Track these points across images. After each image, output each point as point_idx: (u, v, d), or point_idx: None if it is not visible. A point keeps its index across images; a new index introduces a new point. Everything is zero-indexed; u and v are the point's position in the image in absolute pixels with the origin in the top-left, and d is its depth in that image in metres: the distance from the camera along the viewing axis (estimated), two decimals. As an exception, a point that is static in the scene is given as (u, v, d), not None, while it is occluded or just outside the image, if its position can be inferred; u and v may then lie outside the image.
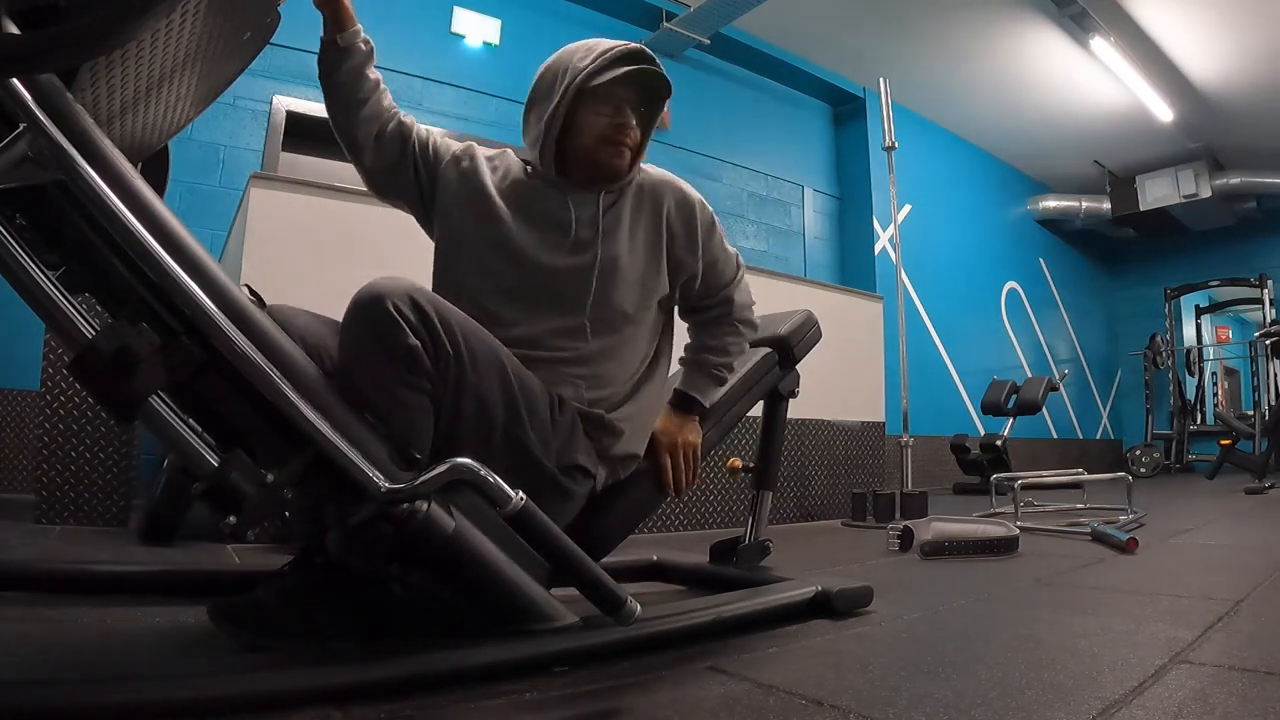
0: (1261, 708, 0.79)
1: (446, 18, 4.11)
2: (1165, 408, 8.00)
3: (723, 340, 1.29)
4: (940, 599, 1.47)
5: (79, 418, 2.07)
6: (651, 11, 4.70)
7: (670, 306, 1.27)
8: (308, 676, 0.79)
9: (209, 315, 0.78)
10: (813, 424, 3.20)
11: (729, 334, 1.29)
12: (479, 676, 0.85)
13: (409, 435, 0.91)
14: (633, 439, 1.17)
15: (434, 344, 0.93)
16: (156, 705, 0.71)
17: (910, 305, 5.65)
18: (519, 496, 0.88)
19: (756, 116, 5.40)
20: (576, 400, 1.10)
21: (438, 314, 0.94)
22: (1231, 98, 5.81)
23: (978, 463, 4.99)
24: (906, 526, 2.19)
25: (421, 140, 1.21)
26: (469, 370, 0.96)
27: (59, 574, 1.24)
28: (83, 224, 0.75)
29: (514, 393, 1.01)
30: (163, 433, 0.78)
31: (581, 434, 1.10)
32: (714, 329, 1.29)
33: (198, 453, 0.79)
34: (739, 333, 1.31)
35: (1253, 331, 7.28)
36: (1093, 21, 4.86)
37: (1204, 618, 1.22)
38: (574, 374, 1.11)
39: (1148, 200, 7.13)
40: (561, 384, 1.09)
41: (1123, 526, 2.42)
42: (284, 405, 0.81)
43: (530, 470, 1.01)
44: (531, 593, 0.95)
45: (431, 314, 0.93)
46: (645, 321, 1.20)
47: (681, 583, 1.56)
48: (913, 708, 0.80)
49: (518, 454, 1.01)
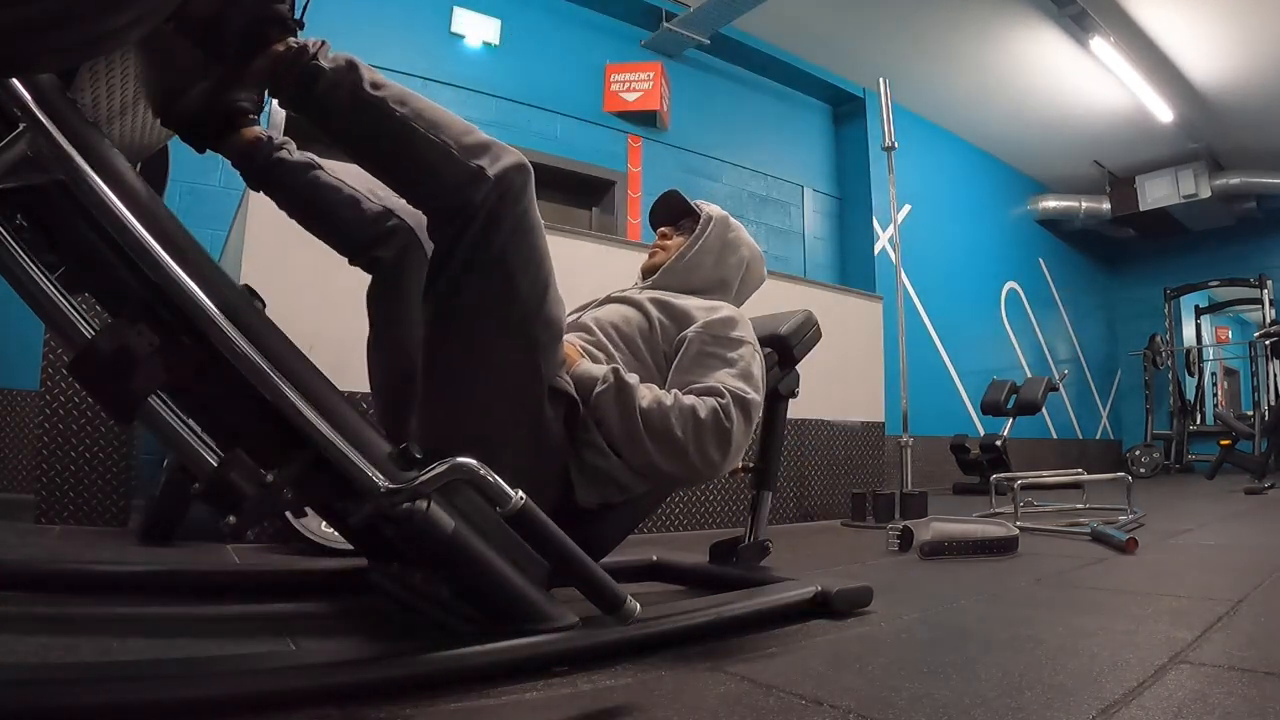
0: (1261, 708, 0.79)
1: (446, 18, 4.11)
2: (1165, 408, 8.01)
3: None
4: (940, 599, 1.47)
5: (79, 418, 2.07)
6: (651, 11, 4.70)
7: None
8: (308, 676, 0.79)
9: (209, 315, 0.78)
10: (813, 424, 3.20)
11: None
12: (479, 676, 0.85)
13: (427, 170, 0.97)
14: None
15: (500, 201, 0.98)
16: (156, 705, 0.71)
17: (910, 305, 5.66)
18: (519, 496, 0.88)
19: (756, 116, 5.40)
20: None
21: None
22: (1231, 98, 5.81)
23: (977, 463, 4.99)
24: (906, 526, 2.19)
25: None
26: (514, 233, 1.00)
27: (59, 574, 1.23)
28: (82, 224, 0.75)
29: (545, 287, 1.05)
30: (163, 433, 0.78)
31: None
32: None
33: (198, 453, 0.78)
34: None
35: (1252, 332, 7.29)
36: (1093, 21, 4.87)
37: (1204, 618, 1.22)
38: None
39: (1147, 200, 7.13)
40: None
41: (1122, 527, 2.42)
42: (284, 405, 0.80)
43: (531, 375, 1.04)
44: (531, 593, 0.95)
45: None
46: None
47: (681, 583, 1.56)
48: (913, 708, 0.80)
49: (526, 346, 1.03)
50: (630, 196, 4.65)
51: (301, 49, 0.92)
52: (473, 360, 1.02)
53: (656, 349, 1.29)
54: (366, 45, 3.75)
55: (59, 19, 0.61)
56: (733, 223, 1.48)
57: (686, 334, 1.26)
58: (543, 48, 4.43)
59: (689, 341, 1.24)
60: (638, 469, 1.13)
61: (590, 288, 1.59)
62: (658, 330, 1.30)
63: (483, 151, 0.99)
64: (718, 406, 1.13)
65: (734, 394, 1.15)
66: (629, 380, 1.13)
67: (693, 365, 1.22)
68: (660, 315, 1.31)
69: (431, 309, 1.03)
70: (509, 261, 1.00)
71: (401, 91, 0.98)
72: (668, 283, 1.43)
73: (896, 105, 3.71)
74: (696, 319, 1.28)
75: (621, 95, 4.65)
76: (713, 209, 1.47)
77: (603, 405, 1.11)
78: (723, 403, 1.14)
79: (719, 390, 1.15)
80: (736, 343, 1.25)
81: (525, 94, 4.32)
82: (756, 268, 1.51)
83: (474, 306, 1.01)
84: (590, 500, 1.14)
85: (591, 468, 1.13)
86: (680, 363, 1.23)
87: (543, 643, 0.92)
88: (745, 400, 1.16)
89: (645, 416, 1.10)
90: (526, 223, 1.02)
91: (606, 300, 1.43)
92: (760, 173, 5.34)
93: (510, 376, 1.03)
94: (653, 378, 1.26)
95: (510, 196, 0.99)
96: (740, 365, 1.22)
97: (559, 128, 4.44)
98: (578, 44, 4.59)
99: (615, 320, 1.31)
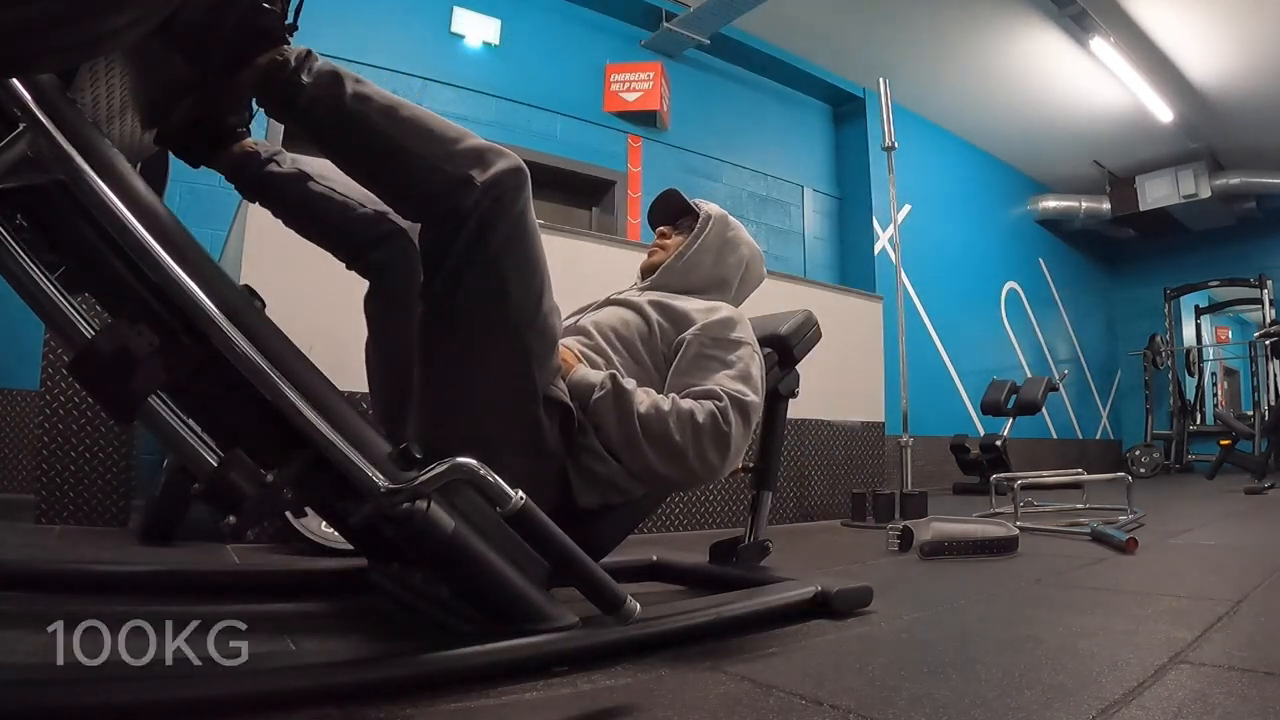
0: (1261, 708, 0.79)
1: (446, 18, 4.11)
2: (1165, 408, 8.01)
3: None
4: (940, 599, 1.47)
5: (79, 418, 2.06)
6: (651, 11, 4.70)
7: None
8: (307, 676, 0.79)
9: (209, 315, 0.78)
10: (813, 424, 3.20)
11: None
12: (479, 676, 0.85)
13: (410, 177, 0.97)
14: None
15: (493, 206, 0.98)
16: (157, 705, 0.71)
17: (910, 305, 5.66)
18: (519, 496, 0.88)
19: (756, 116, 5.40)
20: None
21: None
22: (1231, 98, 5.81)
23: (977, 463, 4.99)
24: (906, 526, 2.19)
25: None
26: (505, 239, 1.00)
27: (59, 574, 1.23)
28: (82, 224, 0.75)
29: (540, 294, 1.04)
30: (163, 433, 0.78)
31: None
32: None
33: (198, 453, 0.78)
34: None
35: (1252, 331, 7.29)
36: (1093, 21, 4.87)
37: (1204, 618, 1.22)
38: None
39: (1147, 200, 7.13)
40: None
41: (1122, 527, 2.42)
42: (283, 405, 0.80)
43: (524, 384, 1.03)
44: (531, 593, 0.95)
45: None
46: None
47: (681, 583, 1.56)
48: (913, 708, 0.80)
49: (519, 355, 1.03)
50: (630, 196, 4.65)
51: (284, 63, 0.92)
52: (469, 363, 1.02)
53: (656, 351, 1.29)
54: (367, 45, 3.75)
55: (59, 19, 0.61)
56: (732, 221, 1.48)
57: (685, 336, 1.25)
58: (543, 48, 4.43)
59: (687, 344, 1.24)
60: (636, 473, 1.13)
61: (590, 287, 1.59)
62: (657, 333, 1.30)
63: (474, 158, 0.98)
64: (716, 410, 1.13)
65: (732, 397, 1.15)
66: (626, 386, 1.13)
67: (691, 368, 1.21)
68: (659, 318, 1.31)
69: (426, 311, 1.03)
70: (503, 265, 1.00)
71: (386, 103, 0.97)
72: (667, 282, 1.43)
73: (896, 105, 3.71)
74: (695, 321, 1.27)
75: (621, 95, 4.65)
76: (711, 208, 1.47)
77: (601, 411, 1.11)
78: (721, 406, 1.13)
79: (717, 393, 1.15)
80: (735, 344, 1.25)
81: (525, 94, 4.32)
82: (756, 266, 1.51)
83: (468, 310, 1.00)
84: (590, 501, 1.14)
85: (590, 472, 1.13)
86: (679, 365, 1.23)
87: (543, 643, 0.92)
88: (744, 403, 1.16)
89: (643, 422, 1.10)
90: (522, 227, 1.01)
91: (606, 303, 1.43)
92: (760, 173, 5.34)
93: (504, 382, 1.03)
94: (652, 380, 1.26)
95: (505, 201, 0.98)
96: (739, 367, 1.22)
97: (559, 128, 4.44)
98: (577, 44, 4.58)
99: (614, 323, 1.31)
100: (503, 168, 0.99)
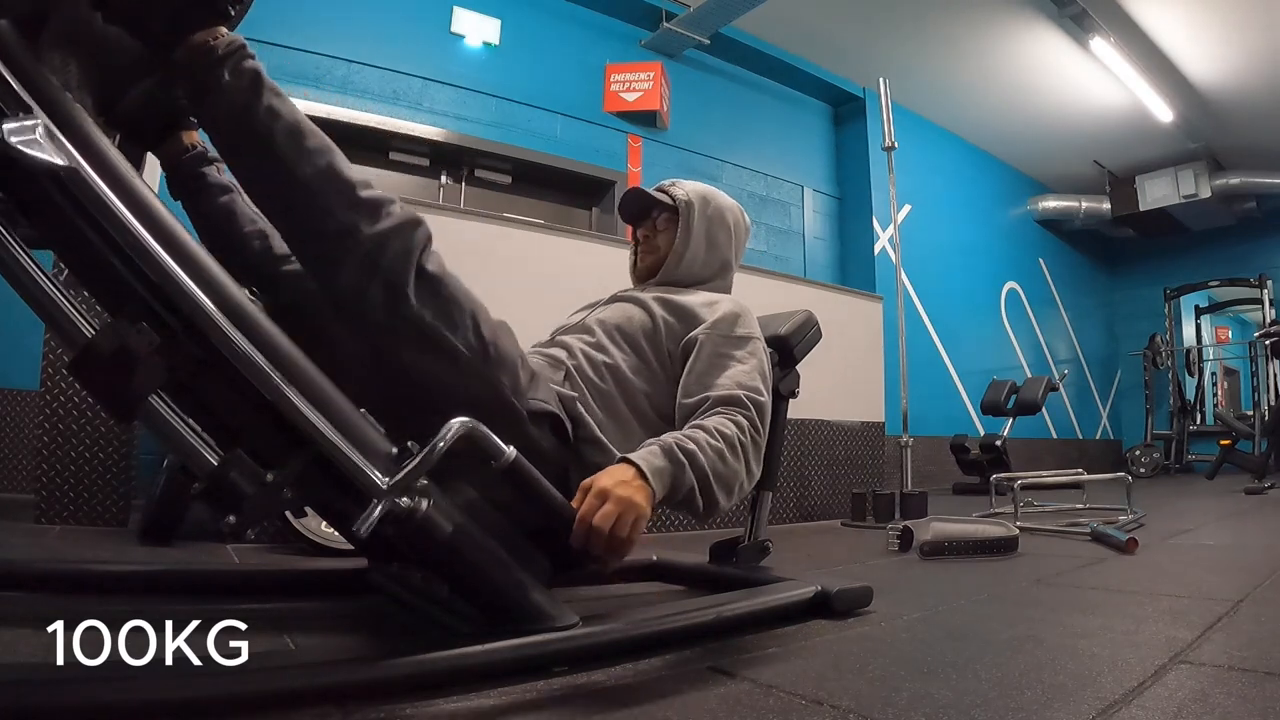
0: (1261, 708, 0.79)
1: (446, 18, 4.11)
2: (1165, 408, 8.00)
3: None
4: (940, 599, 1.47)
5: (79, 418, 2.06)
6: (651, 11, 4.70)
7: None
8: (307, 676, 0.79)
9: (209, 315, 0.78)
10: (813, 424, 3.20)
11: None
12: (478, 676, 0.85)
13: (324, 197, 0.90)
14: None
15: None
16: (157, 705, 0.71)
17: (910, 305, 5.65)
18: (510, 451, 0.90)
19: (756, 116, 5.40)
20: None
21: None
22: (1231, 98, 5.81)
23: (977, 463, 4.99)
24: (906, 526, 2.19)
25: None
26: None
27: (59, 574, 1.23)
28: (82, 223, 0.75)
29: (476, 329, 0.99)
30: (163, 432, 0.78)
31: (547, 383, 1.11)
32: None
33: (198, 453, 0.78)
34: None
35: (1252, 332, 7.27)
36: (1092, 21, 4.86)
37: (1204, 618, 1.22)
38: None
39: (1147, 200, 7.13)
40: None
41: (1122, 527, 2.42)
42: (284, 405, 0.80)
43: (504, 415, 1.00)
44: (531, 592, 0.95)
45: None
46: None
47: (681, 583, 1.56)
48: (913, 708, 0.80)
49: (488, 393, 0.99)
50: (630, 196, 4.65)
51: (212, 49, 0.86)
52: (444, 413, 0.91)
53: (660, 347, 1.30)
54: (367, 45, 3.75)
55: None
56: (704, 191, 1.47)
57: (697, 336, 1.28)
58: (542, 48, 4.43)
59: (700, 344, 1.27)
60: (699, 515, 1.13)
61: (590, 287, 1.59)
62: (662, 329, 1.31)
63: (367, 209, 0.92)
64: (745, 423, 1.16)
65: (754, 400, 1.19)
66: (693, 479, 1.07)
67: (709, 368, 1.24)
68: (664, 313, 1.32)
69: (383, 366, 0.97)
70: (430, 323, 0.94)
71: (297, 127, 0.90)
72: (670, 281, 1.44)
73: (896, 105, 3.71)
74: (704, 318, 1.30)
75: (621, 95, 4.64)
76: (682, 192, 1.46)
77: (691, 502, 1.09)
78: (748, 415, 1.17)
79: (739, 400, 1.18)
80: (745, 340, 1.29)
81: (525, 94, 4.31)
82: (742, 223, 1.54)
83: (420, 370, 0.96)
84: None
85: (594, 465, 1.13)
86: (694, 365, 1.25)
87: (543, 642, 0.92)
88: (762, 404, 1.21)
89: (723, 480, 1.11)
90: (434, 277, 0.95)
91: (612, 299, 1.44)
92: (760, 173, 5.34)
93: (486, 420, 0.94)
94: (655, 376, 1.28)
95: (398, 258, 0.92)
96: (753, 363, 1.26)
97: (559, 127, 4.44)
98: (577, 44, 4.58)
99: (619, 320, 1.33)
100: (390, 225, 0.92)
